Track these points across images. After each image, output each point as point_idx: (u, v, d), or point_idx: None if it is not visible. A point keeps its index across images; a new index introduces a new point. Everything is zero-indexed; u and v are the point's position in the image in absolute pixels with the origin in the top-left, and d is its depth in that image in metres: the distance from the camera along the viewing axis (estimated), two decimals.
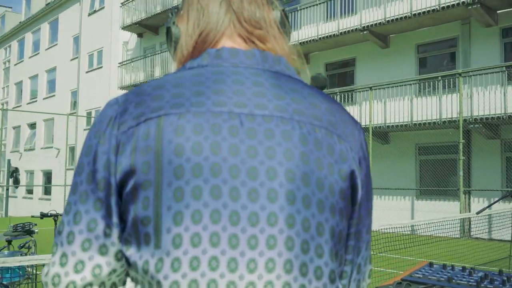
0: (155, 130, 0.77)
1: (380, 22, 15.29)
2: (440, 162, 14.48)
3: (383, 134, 15.54)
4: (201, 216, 0.74)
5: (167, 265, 0.74)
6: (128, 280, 0.84)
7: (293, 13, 18.33)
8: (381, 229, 5.96)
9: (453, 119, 13.23)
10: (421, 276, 2.48)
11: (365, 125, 15.18)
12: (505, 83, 12.51)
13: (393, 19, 14.94)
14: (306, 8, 17.83)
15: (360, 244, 0.89)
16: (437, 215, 12.82)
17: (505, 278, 2.33)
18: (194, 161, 0.76)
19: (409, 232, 10.34)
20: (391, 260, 7.84)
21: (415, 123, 14.17)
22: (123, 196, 0.79)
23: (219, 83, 0.83)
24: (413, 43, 15.57)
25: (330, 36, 16.69)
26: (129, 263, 0.80)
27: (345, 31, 16.25)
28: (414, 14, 14.41)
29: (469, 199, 13.46)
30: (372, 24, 15.49)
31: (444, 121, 13.50)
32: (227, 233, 0.74)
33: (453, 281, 2.38)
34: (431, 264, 2.66)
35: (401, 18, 14.77)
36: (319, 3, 17.35)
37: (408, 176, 15.00)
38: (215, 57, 0.87)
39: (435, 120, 13.75)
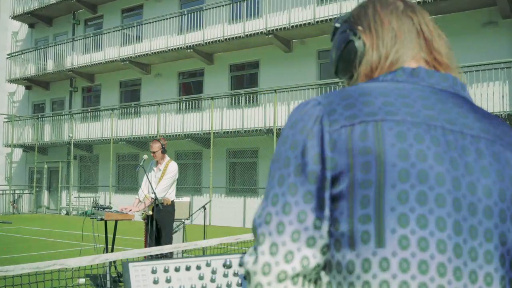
0: (374, 133, 0.81)
1: (285, 27, 15.71)
2: None
3: None
4: (426, 221, 0.78)
5: (394, 265, 0.76)
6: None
7: (197, 12, 18.27)
8: None
9: None
10: None
11: (270, 127, 15.55)
12: None
13: (297, 25, 15.43)
14: (211, 8, 17.84)
15: None
16: None
17: None
18: (419, 167, 0.80)
19: None
20: None
21: None
22: (333, 192, 0.81)
23: (423, 99, 0.88)
24: (315, 49, 16.18)
25: (235, 37, 16.86)
26: (332, 262, 0.81)
27: (250, 34, 16.50)
28: (317, 21, 14.99)
29: None
30: (276, 29, 15.86)
31: None
32: (452, 241, 0.78)
33: None
34: None
35: (304, 24, 15.29)
36: (224, 4, 17.43)
37: None
38: (411, 75, 0.93)
39: None
